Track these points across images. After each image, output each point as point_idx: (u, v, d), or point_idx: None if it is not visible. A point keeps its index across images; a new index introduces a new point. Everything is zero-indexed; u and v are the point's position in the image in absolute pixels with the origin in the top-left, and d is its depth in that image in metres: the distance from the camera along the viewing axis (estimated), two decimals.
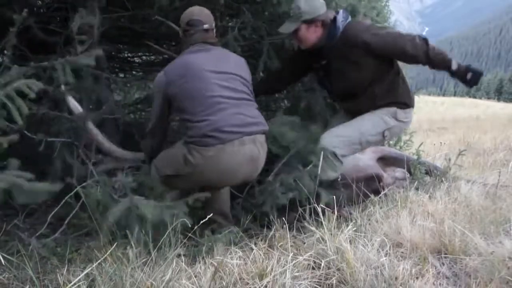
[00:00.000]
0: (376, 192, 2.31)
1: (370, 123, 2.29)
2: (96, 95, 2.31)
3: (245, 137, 1.80)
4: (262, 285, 1.42)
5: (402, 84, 2.32)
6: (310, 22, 2.13)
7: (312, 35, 2.18)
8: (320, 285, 1.50)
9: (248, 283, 1.45)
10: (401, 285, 1.47)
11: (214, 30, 2.00)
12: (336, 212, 1.81)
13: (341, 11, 2.20)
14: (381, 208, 2.10)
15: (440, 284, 1.56)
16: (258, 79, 2.59)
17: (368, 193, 2.27)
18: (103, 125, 2.34)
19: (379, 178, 2.43)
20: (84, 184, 1.80)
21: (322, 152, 2.05)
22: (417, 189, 2.47)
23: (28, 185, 1.26)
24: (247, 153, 1.81)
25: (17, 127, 1.47)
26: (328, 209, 1.84)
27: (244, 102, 1.88)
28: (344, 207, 2.18)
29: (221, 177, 1.85)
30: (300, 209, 1.94)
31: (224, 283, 1.45)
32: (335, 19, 2.16)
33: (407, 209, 2.08)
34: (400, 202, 2.18)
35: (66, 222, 1.85)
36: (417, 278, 1.54)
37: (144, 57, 3.79)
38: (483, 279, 1.53)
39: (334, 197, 1.94)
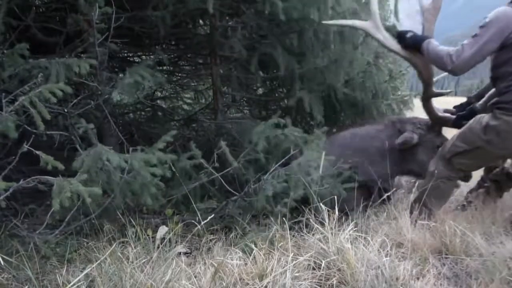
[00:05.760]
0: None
1: None
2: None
3: None
4: (262, 286, 1.41)
5: None
6: None
7: None
8: (320, 286, 1.49)
9: (248, 284, 1.44)
10: (401, 286, 1.47)
11: None
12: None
13: None
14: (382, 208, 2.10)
15: (441, 284, 1.55)
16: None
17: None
18: (103, 125, 2.33)
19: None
20: None
21: None
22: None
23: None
24: None
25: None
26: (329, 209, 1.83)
27: None
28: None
29: None
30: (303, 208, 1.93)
31: (224, 284, 1.44)
32: None
33: (408, 209, 2.08)
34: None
35: (65, 220, 1.83)
36: (418, 278, 1.53)
37: (144, 57, 3.77)
38: (484, 279, 1.52)
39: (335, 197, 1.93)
